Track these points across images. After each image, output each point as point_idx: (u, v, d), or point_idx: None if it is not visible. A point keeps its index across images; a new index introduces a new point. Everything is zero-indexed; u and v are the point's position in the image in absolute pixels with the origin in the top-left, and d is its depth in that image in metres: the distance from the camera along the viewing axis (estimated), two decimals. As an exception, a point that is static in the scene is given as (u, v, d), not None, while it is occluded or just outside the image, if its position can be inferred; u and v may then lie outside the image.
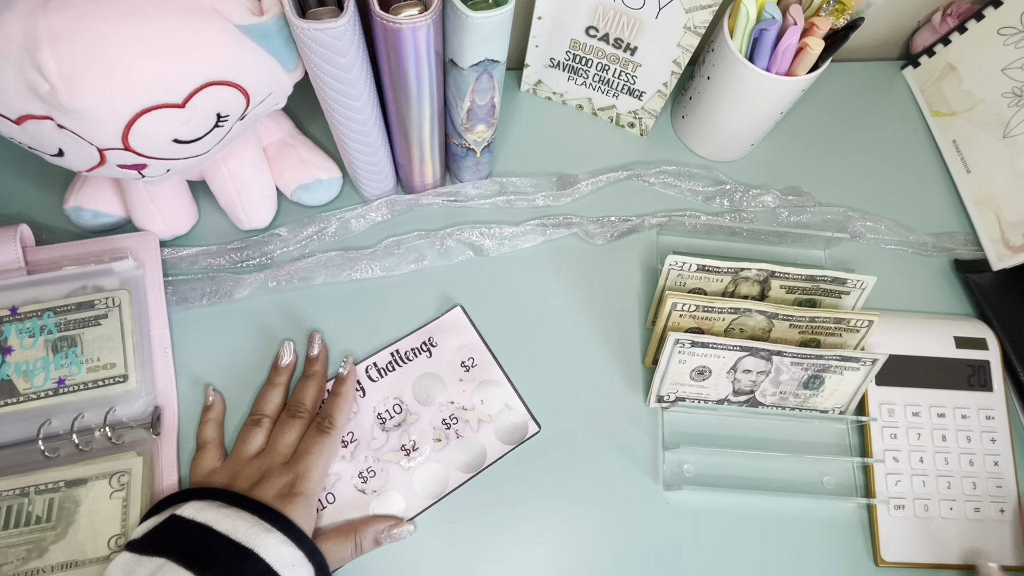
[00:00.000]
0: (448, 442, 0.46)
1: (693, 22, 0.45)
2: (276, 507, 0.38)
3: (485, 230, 0.52)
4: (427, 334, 0.48)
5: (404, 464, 0.45)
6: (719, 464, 0.47)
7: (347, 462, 0.45)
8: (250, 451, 0.42)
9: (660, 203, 0.55)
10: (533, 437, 0.46)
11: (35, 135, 0.34)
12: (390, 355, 0.48)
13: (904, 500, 0.46)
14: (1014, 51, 0.52)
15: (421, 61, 0.37)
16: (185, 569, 0.34)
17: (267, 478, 0.40)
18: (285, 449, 0.42)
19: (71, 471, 0.42)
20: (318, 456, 0.41)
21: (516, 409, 0.47)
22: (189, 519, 0.37)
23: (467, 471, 0.45)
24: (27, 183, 0.50)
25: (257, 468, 0.41)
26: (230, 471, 0.41)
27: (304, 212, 0.52)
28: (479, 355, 0.48)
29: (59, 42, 0.30)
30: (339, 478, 0.44)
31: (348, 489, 0.44)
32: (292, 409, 0.44)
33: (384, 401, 0.46)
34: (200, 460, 0.43)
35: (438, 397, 0.47)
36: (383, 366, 0.47)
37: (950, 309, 0.53)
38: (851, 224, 0.55)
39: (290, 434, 0.42)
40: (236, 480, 0.40)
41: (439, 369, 0.48)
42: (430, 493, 0.44)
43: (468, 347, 0.48)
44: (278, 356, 0.46)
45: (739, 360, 0.45)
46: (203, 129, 0.36)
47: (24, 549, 0.40)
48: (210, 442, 0.43)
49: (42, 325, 0.43)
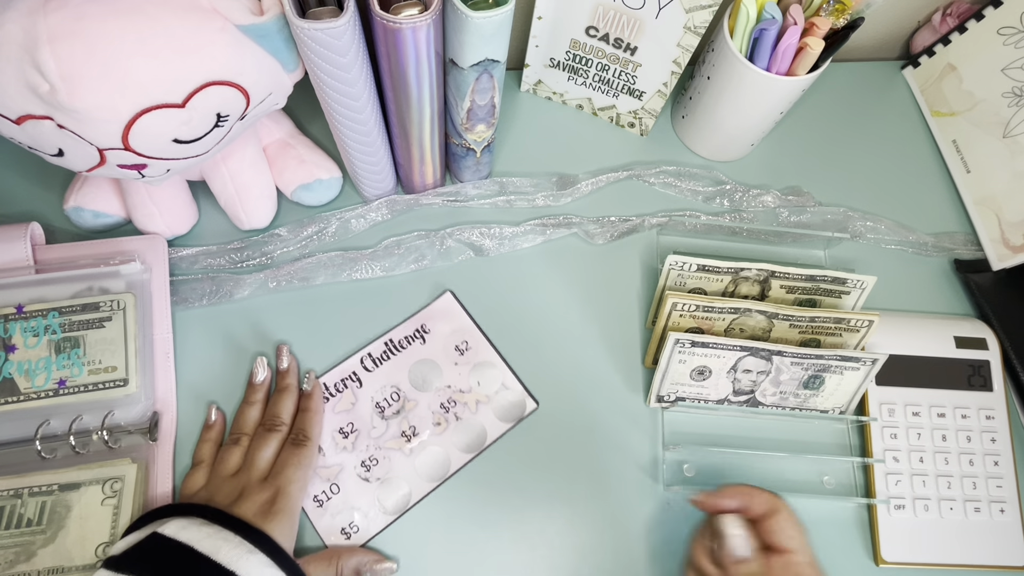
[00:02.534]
0: (448, 425, 0.46)
1: (693, 22, 0.45)
2: (258, 525, 0.38)
3: (485, 230, 0.52)
4: (419, 321, 0.49)
5: (406, 450, 0.45)
6: (719, 464, 0.47)
7: (349, 452, 0.45)
8: (229, 469, 0.42)
9: (660, 203, 0.55)
10: (532, 414, 0.47)
11: (35, 135, 0.34)
12: (384, 344, 0.48)
13: (904, 500, 0.46)
14: (1014, 51, 0.52)
15: (421, 61, 0.37)
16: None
17: (246, 495, 0.39)
18: (263, 464, 0.41)
19: (65, 475, 0.41)
20: (296, 469, 0.41)
21: (513, 388, 0.48)
22: (170, 538, 0.36)
23: (469, 451, 0.46)
24: (27, 183, 0.50)
25: (236, 485, 0.40)
26: (209, 489, 0.41)
27: (304, 212, 0.52)
28: (472, 338, 0.49)
29: (59, 42, 0.30)
30: (342, 468, 0.45)
31: (352, 479, 0.44)
32: (268, 423, 0.43)
33: (381, 390, 0.47)
34: (189, 478, 0.42)
35: (435, 382, 0.47)
36: (377, 356, 0.48)
37: (950, 309, 0.53)
38: (851, 224, 0.55)
39: (267, 449, 0.42)
40: (215, 497, 0.40)
41: (434, 355, 0.48)
42: (433, 476, 0.45)
43: (461, 331, 0.49)
44: (252, 373, 0.46)
45: (739, 360, 0.45)
46: (203, 129, 0.36)
47: (13, 552, 0.40)
48: (204, 461, 0.43)
49: (46, 325, 0.43)
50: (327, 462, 0.45)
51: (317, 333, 0.48)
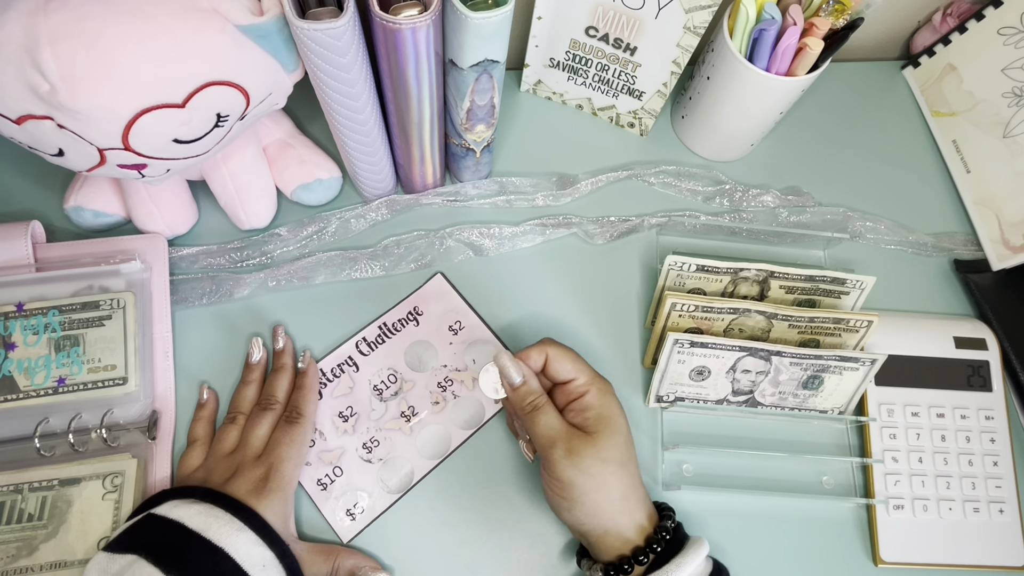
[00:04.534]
0: (446, 403, 0.47)
1: (693, 22, 0.45)
2: (250, 503, 0.38)
3: (485, 230, 0.52)
4: (411, 304, 0.49)
5: (406, 430, 0.46)
6: (718, 464, 0.47)
7: (350, 435, 0.46)
8: (225, 448, 0.42)
9: (660, 203, 0.55)
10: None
11: (35, 135, 0.34)
12: (378, 328, 0.49)
13: (903, 500, 0.46)
14: (1014, 51, 0.52)
15: (421, 61, 0.37)
16: (153, 566, 0.34)
17: (240, 472, 0.40)
18: (257, 442, 0.42)
19: (66, 470, 0.42)
20: (289, 446, 0.41)
21: None
22: (162, 516, 0.37)
23: (468, 428, 0.47)
24: (27, 182, 0.51)
25: (231, 463, 0.41)
26: (207, 468, 0.42)
27: (304, 212, 0.52)
28: (465, 318, 0.49)
29: (59, 42, 0.30)
30: (344, 451, 0.45)
31: (355, 460, 0.45)
32: (263, 402, 0.44)
33: (378, 373, 0.47)
34: (186, 457, 0.43)
35: (430, 362, 0.48)
36: (372, 340, 0.48)
37: (950, 309, 0.53)
38: (851, 224, 0.55)
39: (262, 427, 0.42)
40: (211, 476, 0.41)
41: (428, 335, 0.49)
42: (434, 454, 0.46)
43: (453, 311, 0.49)
44: (248, 353, 0.46)
45: (738, 360, 0.45)
46: (203, 129, 0.36)
47: (15, 547, 0.40)
48: (199, 440, 0.43)
49: (46, 323, 0.43)
50: (329, 446, 0.45)
51: (316, 328, 0.48)
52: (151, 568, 0.34)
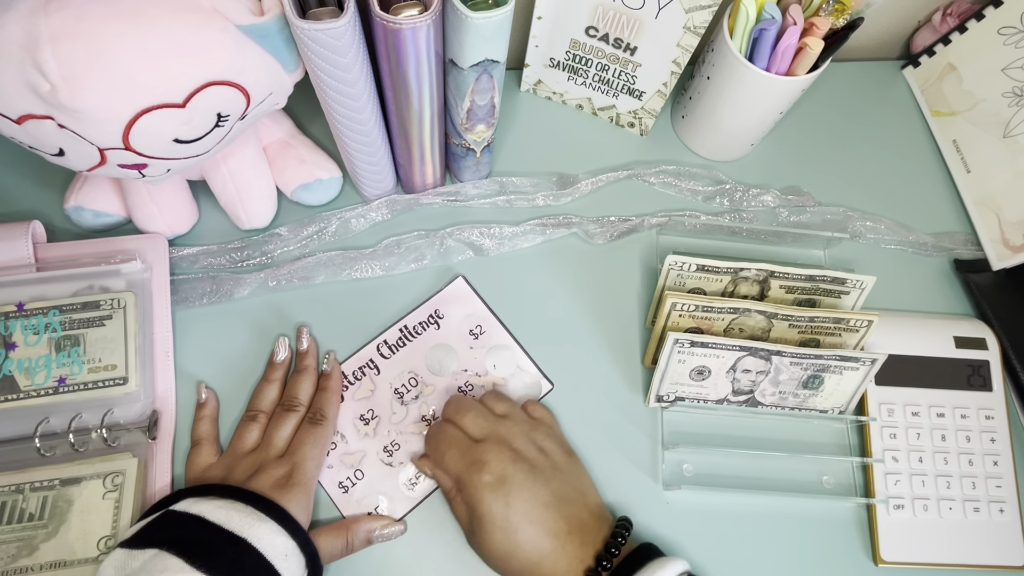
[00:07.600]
0: None
1: (693, 22, 0.45)
2: (272, 497, 0.38)
3: (485, 230, 0.52)
4: (433, 307, 0.49)
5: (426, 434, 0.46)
6: (718, 464, 0.47)
7: (371, 438, 0.46)
8: (246, 446, 0.42)
9: (660, 203, 0.55)
10: (548, 394, 0.48)
11: (36, 135, 0.34)
12: (399, 331, 0.49)
13: (903, 500, 0.46)
14: (1014, 51, 0.52)
15: (421, 61, 0.37)
16: (177, 557, 0.34)
17: (263, 470, 0.40)
18: (280, 442, 0.42)
19: (66, 469, 0.42)
20: (312, 446, 0.42)
21: (528, 370, 0.48)
22: (182, 511, 0.37)
23: None
24: (28, 182, 0.51)
25: (253, 461, 0.41)
26: (226, 465, 0.42)
27: (304, 212, 0.52)
28: (486, 322, 0.49)
29: (60, 42, 0.30)
30: (365, 455, 0.45)
31: (375, 464, 0.45)
32: (287, 403, 0.44)
33: (399, 376, 0.47)
34: (195, 457, 0.43)
35: (451, 366, 0.48)
36: (393, 343, 0.48)
37: (950, 309, 0.53)
38: (851, 224, 0.55)
39: (285, 428, 0.43)
40: (232, 474, 0.41)
41: (449, 339, 0.49)
42: None
43: (474, 315, 0.49)
44: (273, 352, 0.46)
45: (738, 360, 0.45)
46: (204, 129, 0.36)
47: (15, 546, 0.40)
48: (205, 439, 0.43)
49: (47, 323, 0.43)
50: (350, 449, 0.45)
51: (316, 329, 0.48)
52: (175, 559, 0.34)
